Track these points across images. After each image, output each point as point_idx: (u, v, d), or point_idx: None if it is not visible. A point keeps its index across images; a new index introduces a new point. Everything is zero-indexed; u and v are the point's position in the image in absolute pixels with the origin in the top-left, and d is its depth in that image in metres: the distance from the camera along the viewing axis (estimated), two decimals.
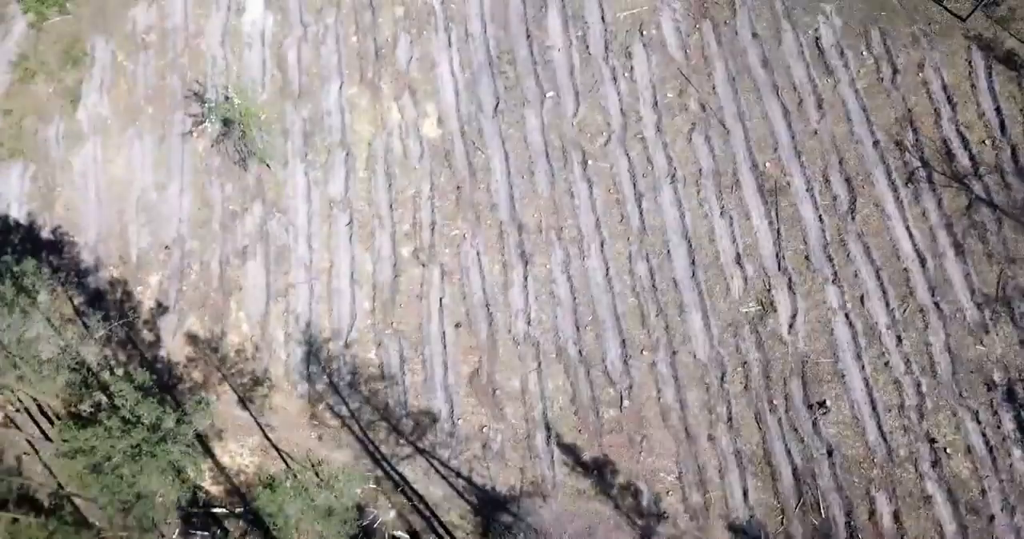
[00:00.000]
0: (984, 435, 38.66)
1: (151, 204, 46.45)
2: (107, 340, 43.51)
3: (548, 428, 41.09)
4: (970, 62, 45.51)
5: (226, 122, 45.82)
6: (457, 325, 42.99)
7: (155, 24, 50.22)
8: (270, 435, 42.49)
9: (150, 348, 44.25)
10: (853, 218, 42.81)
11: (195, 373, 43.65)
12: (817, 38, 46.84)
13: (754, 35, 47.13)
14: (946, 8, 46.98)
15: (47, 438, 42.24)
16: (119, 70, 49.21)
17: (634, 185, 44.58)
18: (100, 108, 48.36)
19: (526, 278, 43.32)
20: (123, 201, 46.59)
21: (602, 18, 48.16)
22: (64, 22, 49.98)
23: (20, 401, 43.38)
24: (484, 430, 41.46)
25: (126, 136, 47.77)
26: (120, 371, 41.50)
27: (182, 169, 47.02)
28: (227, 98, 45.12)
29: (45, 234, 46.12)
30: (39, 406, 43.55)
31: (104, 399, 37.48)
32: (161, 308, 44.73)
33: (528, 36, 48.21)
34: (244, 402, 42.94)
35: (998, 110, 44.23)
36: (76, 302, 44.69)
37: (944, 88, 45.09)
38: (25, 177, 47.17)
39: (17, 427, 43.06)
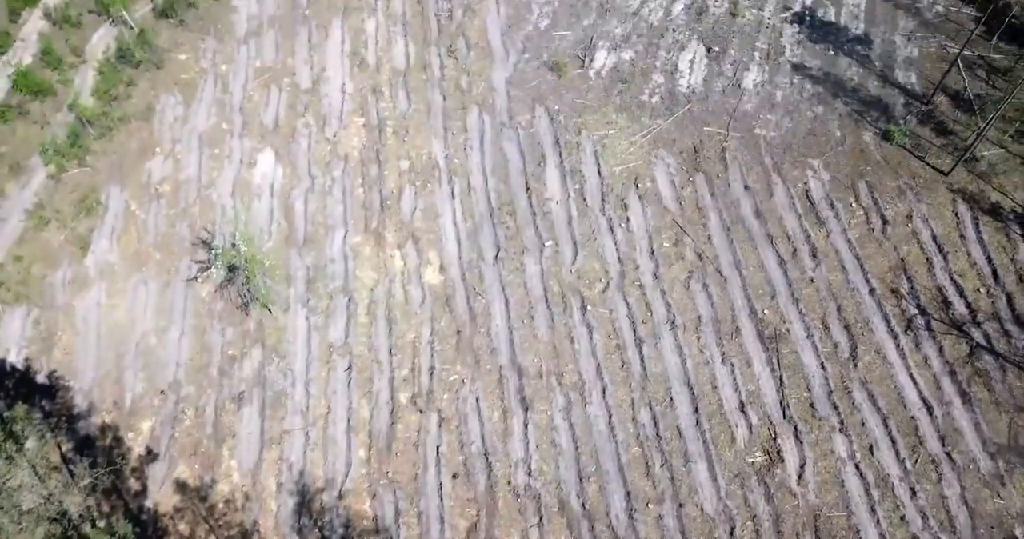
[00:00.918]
0: None
1: (150, 349, 46.29)
2: (92, 489, 41.88)
3: None
4: (957, 213, 47.01)
5: (231, 268, 46.59)
6: (455, 476, 41.59)
7: (169, 175, 52.25)
8: None
9: (136, 498, 42.53)
10: (855, 365, 42.56)
11: (181, 525, 41.69)
12: (807, 191, 48.62)
13: (746, 187, 48.96)
14: (928, 163, 49.12)
15: None
16: (130, 218, 50.62)
17: (634, 331, 44.65)
18: (109, 255, 49.30)
19: (526, 425, 42.42)
20: (122, 346, 46.45)
21: (598, 172, 50.22)
22: (82, 173, 52.00)
23: None
24: None
25: (131, 282, 48.39)
26: (102, 523, 39.66)
27: (184, 314, 47.26)
28: (234, 245, 46.09)
29: (40, 379, 45.60)
30: None
31: None
32: (151, 455, 43.42)
33: (528, 189, 50.05)
34: None
35: (989, 259, 45.17)
36: (64, 449, 43.44)
37: (934, 238, 46.28)
38: (27, 322, 47.28)
39: None
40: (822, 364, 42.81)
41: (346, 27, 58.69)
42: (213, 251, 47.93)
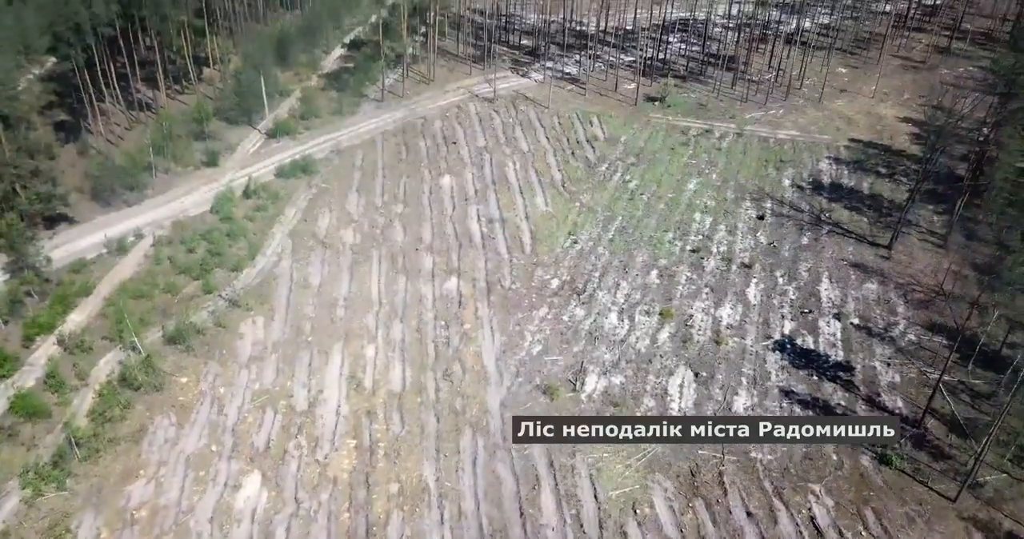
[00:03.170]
0: None
1: None
2: None
3: None
4: None
5: None
6: None
7: (149, 500, 50.21)
8: None
9: None
10: None
11: None
12: (812, 518, 46.77)
13: (748, 514, 47.11)
14: (932, 489, 47.92)
15: None
16: None
17: None
18: None
19: None
20: None
21: (595, 496, 48.63)
22: (58, 498, 50.01)
23: None
24: None
25: None
26: None
27: None
28: None
29: None
30: None
31: None
32: None
33: (522, 514, 48.01)
34: None
35: None
36: None
37: None
38: None
39: None
40: None
41: (346, 352, 61.01)
42: None
